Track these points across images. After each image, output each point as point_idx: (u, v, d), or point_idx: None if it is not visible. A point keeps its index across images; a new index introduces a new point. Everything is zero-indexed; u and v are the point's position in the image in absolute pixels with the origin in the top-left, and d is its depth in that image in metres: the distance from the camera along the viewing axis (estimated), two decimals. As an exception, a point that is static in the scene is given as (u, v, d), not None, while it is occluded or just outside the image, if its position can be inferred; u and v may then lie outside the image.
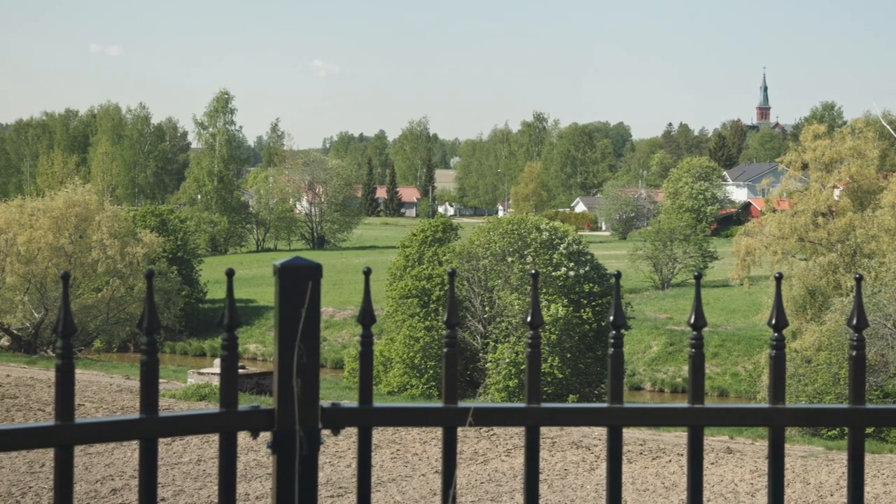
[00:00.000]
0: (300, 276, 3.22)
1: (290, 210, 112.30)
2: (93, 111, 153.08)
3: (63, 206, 48.88)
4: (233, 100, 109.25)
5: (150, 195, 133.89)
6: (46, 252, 47.34)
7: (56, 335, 3.04)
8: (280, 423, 3.19)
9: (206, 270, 67.12)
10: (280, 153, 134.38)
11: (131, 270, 49.25)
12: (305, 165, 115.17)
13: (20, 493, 18.28)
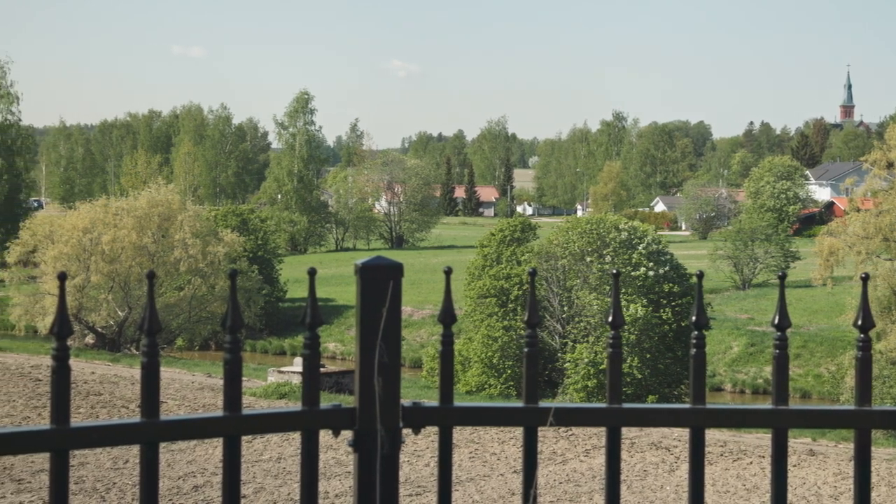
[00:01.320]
0: (381, 276, 3.23)
1: (369, 209, 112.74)
2: (175, 112, 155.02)
3: (146, 206, 49.50)
4: (313, 100, 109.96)
5: (231, 195, 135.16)
6: (130, 251, 47.96)
7: (142, 333, 3.08)
8: (361, 422, 3.20)
9: (285, 270, 67.59)
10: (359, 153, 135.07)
11: (212, 269, 49.75)
12: (384, 165, 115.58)
13: (105, 488, 18.54)
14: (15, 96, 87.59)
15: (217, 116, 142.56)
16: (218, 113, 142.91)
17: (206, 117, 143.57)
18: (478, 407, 3.39)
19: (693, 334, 3.37)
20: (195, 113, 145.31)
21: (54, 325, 2.94)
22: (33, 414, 24.86)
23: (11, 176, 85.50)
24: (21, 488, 18.04)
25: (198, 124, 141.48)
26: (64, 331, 2.94)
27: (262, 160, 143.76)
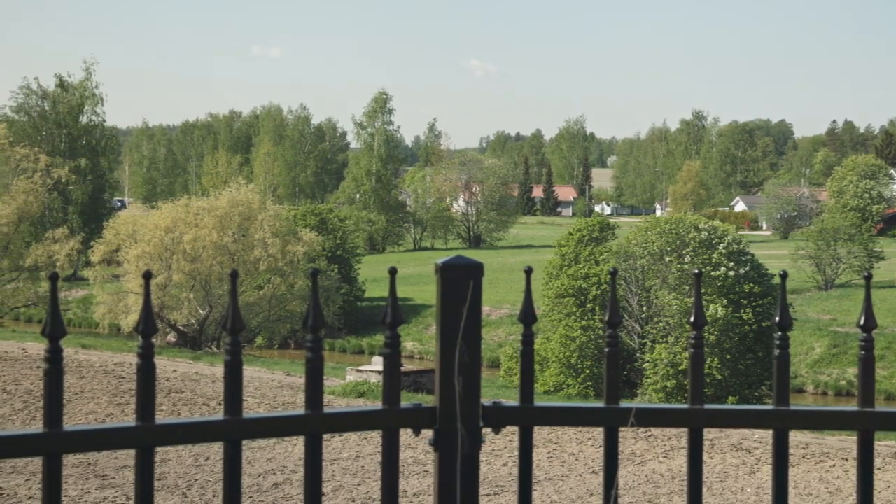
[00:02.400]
0: (462, 275, 3.23)
1: (447, 209, 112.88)
2: (255, 112, 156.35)
3: (227, 206, 49.98)
4: (391, 100, 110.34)
5: (310, 194, 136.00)
6: (211, 250, 48.45)
7: (225, 332, 3.11)
8: (442, 421, 3.21)
9: (364, 269, 67.87)
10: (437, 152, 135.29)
11: (292, 269, 50.12)
12: (462, 165, 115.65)
13: (186, 485, 18.75)
14: (99, 97, 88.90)
15: (296, 117, 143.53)
16: (297, 113, 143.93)
17: (285, 117, 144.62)
18: (558, 407, 3.38)
19: (776, 335, 3.33)
20: (275, 113, 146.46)
21: (140, 324, 2.98)
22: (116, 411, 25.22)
23: (95, 176, 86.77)
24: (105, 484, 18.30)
25: (277, 124, 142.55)
26: (149, 329, 2.98)
27: (340, 160, 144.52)
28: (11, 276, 54.31)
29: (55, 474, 2.87)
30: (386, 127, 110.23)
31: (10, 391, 26.73)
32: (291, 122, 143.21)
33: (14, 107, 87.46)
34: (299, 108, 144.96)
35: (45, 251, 53.57)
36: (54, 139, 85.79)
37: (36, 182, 55.75)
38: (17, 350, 34.96)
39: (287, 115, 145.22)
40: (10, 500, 16.99)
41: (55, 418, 2.87)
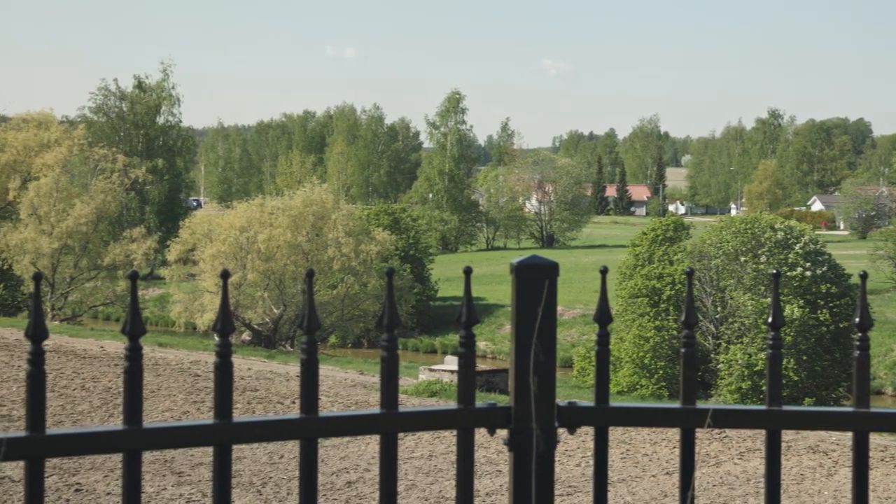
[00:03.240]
0: (537, 275, 3.23)
1: (520, 209, 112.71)
2: (329, 112, 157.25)
3: (301, 205, 50.30)
4: (464, 100, 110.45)
5: (383, 194, 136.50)
6: (285, 249, 48.79)
7: (301, 330, 3.13)
8: (517, 421, 3.20)
9: (436, 268, 67.96)
10: (510, 152, 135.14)
11: (365, 268, 50.34)
12: (535, 164, 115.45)
13: (261, 483, 18.89)
14: (176, 98, 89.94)
15: (370, 116, 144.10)
16: (371, 113, 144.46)
17: (359, 117, 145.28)
18: (634, 407, 3.37)
19: (856, 336, 3.29)
20: (348, 113, 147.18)
21: (217, 322, 3.01)
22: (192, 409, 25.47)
23: (172, 176, 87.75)
24: (181, 481, 18.50)
25: (351, 124, 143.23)
26: (227, 328, 3.01)
27: (413, 160, 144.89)
28: (90, 274, 55.09)
29: (135, 471, 2.90)
30: (459, 126, 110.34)
31: (89, 388, 27.10)
32: (365, 122, 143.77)
33: (93, 108, 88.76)
34: (373, 108, 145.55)
35: (122, 250, 54.27)
36: (132, 140, 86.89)
37: (114, 182, 56.50)
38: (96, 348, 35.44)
39: (360, 115, 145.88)
40: (89, 496, 17.21)
41: (135, 415, 2.90)
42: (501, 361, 51.17)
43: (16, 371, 28.83)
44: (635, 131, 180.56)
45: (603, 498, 3.30)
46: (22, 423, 21.97)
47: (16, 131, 57.14)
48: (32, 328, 2.81)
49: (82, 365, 31.09)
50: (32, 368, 2.81)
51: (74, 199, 54.50)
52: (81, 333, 41.55)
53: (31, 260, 51.69)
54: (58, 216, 52.57)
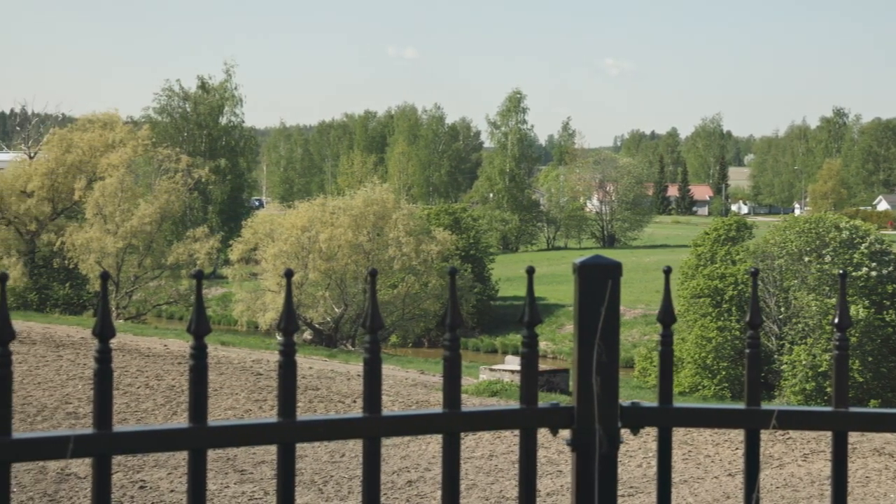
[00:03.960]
0: (600, 275, 3.21)
1: (581, 208, 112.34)
2: (390, 112, 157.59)
3: (362, 205, 50.47)
4: (525, 99, 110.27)
5: (443, 194, 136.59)
6: (346, 249, 48.99)
7: (364, 330, 3.14)
8: (580, 421, 3.19)
9: (497, 268, 67.87)
10: (571, 151, 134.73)
11: (425, 268, 50.42)
12: (596, 164, 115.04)
13: (322, 481, 18.98)
14: (239, 98, 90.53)
15: (430, 116, 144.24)
16: (431, 113, 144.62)
17: (419, 117, 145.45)
18: (698, 408, 3.34)
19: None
20: (409, 113, 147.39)
21: (282, 321, 3.03)
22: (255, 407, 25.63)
23: (234, 176, 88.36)
24: (244, 479, 18.63)
25: (412, 124, 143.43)
26: (291, 326, 3.02)
27: (474, 159, 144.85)
28: (154, 273, 55.61)
29: (200, 469, 2.92)
30: (520, 126, 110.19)
31: (153, 386, 27.36)
32: (426, 122, 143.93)
33: (157, 108, 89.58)
34: (433, 107, 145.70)
35: (185, 250, 54.73)
36: (195, 140, 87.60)
37: (177, 182, 56.98)
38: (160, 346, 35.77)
39: (421, 114, 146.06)
40: (153, 493, 17.39)
41: (200, 414, 2.92)
42: (562, 361, 51.02)
43: (81, 369, 29.18)
44: (697, 130, 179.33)
45: (667, 499, 3.28)
46: (87, 421, 22.22)
47: (82, 132, 57.81)
48: (100, 327, 2.84)
49: (146, 363, 31.40)
50: (100, 366, 2.84)
51: (139, 198, 55.04)
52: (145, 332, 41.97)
53: (96, 259, 52.27)
54: (122, 216, 53.11)
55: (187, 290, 55.49)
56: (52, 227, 55.26)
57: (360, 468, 19.97)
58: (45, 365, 29.72)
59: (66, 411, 23.55)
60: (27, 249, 55.33)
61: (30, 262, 54.97)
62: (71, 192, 55.40)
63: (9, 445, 2.71)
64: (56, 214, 55.99)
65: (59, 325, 41.65)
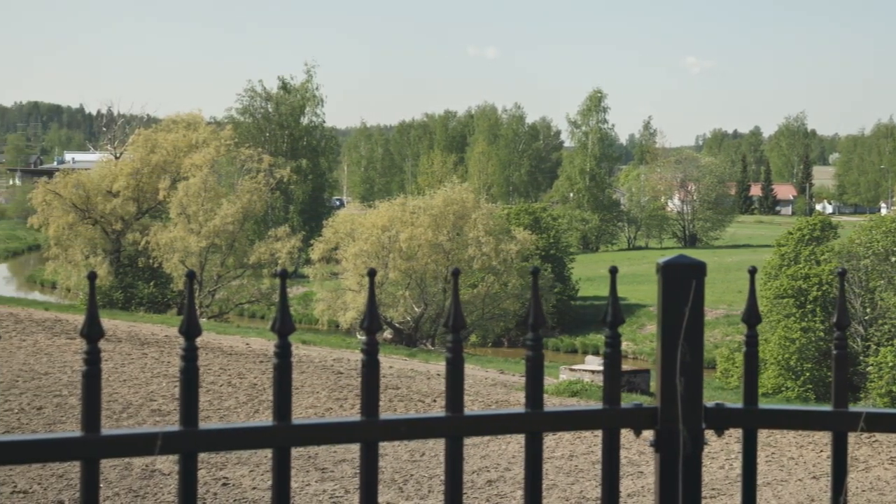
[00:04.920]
0: (684, 275, 3.19)
1: (662, 208, 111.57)
2: (470, 112, 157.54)
3: (442, 204, 50.56)
4: (606, 98, 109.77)
5: (523, 193, 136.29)
6: (426, 249, 49.12)
7: (446, 329, 3.14)
8: (663, 422, 3.17)
9: (577, 268, 67.62)
10: (652, 151, 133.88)
11: (505, 267, 50.39)
12: (677, 163, 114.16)
13: (402, 480, 19.04)
14: (320, 99, 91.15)
15: (511, 116, 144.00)
16: (511, 112, 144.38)
17: (499, 117, 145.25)
18: (784, 410, 3.31)
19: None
20: (489, 113, 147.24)
21: (364, 320, 3.04)
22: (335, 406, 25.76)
23: (316, 176, 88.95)
24: (325, 477, 18.73)
25: (492, 124, 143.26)
26: (374, 325, 3.03)
27: (554, 158, 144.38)
28: (236, 273, 56.14)
29: (284, 467, 2.95)
30: (600, 125, 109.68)
31: (235, 384, 27.60)
32: (506, 122, 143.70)
33: (240, 109, 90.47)
34: (514, 107, 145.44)
35: (267, 249, 55.18)
36: (277, 140, 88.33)
37: (259, 182, 57.47)
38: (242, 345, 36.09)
39: (501, 114, 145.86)
40: (235, 490, 17.55)
41: (284, 412, 2.95)
42: (643, 362, 50.70)
43: (165, 367, 29.55)
44: (781, 129, 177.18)
45: (752, 501, 3.24)
46: (172, 418, 22.49)
47: (166, 132, 58.51)
48: (186, 325, 2.87)
49: (229, 361, 31.70)
50: (186, 364, 2.87)
51: (221, 198, 55.58)
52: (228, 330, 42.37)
53: (180, 258, 52.90)
54: (206, 215, 53.68)
55: (269, 289, 55.95)
56: (137, 226, 56.00)
57: (440, 467, 20.01)
58: (130, 362, 30.15)
59: (151, 408, 23.87)
60: (113, 249, 56.14)
61: (115, 261, 55.77)
62: (155, 191, 56.10)
63: (98, 442, 2.75)
64: (141, 214, 56.75)
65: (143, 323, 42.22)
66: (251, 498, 17.15)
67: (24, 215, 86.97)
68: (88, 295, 2.83)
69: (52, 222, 54.84)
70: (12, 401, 23.51)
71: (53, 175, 60.11)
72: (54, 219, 54.73)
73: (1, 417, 22.04)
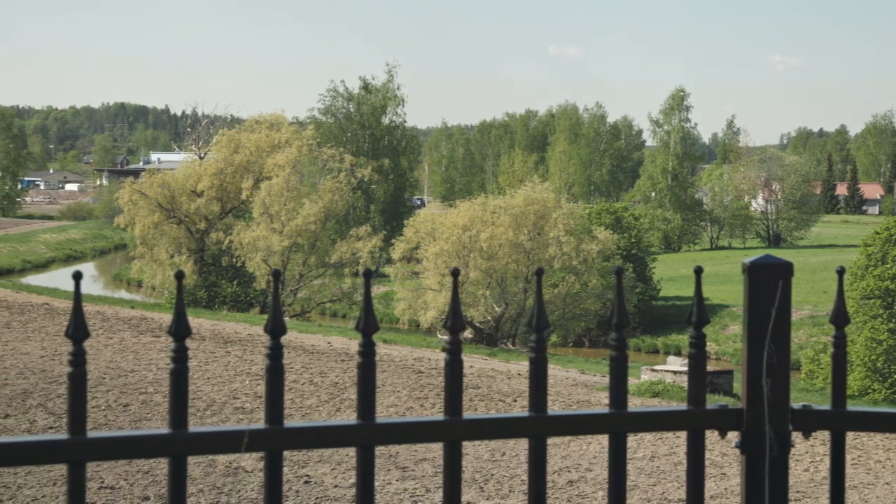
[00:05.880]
0: (771, 275, 3.15)
1: (745, 207, 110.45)
2: (551, 111, 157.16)
3: (522, 204, 50.47)
4: (688, 97, 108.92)
5: (604, 192, 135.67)
6: (507, 248, 49.06)
7: (530, 329, 3.14)
8: (749, 424, 3.14)
9: (659, 267, 67.15)
10: (735, 150, 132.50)
11: (586, 267, 50.18)
12: (761, 162, 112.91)
13: (483, 479, 19.04)
14: (401, 99, 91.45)
15: (592, 115, 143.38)
16: (593, 111, 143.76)
17: (581, 116, 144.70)
18: (874, 412, 3.26)
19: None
20: (570, 112, 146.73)
21: (448, 319, 3.04)
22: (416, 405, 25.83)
23: (397, 175, 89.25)
24: (405, 475, 18.79)
25: (573, 123, 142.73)
26: (457, 324, 3.04)
27: (636, 158, 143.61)
28: (318, 272, 56.51)
29: (368, 465, 2.96)
30: (683, 124, 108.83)
31: (317, 383, 27.79)
32: (587, 121, 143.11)
33: (322, 109, 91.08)
34: (595, 106, 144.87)
35: (349, 248, 55.47)
36: (358, 140, 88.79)
37: (341, 181, 57.77)
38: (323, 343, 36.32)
39: (582, 113, 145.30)
40: (318, 488, 17.66)
41: (368, 411, 2.96)
42: (726, 363, 50.25)
43: (248, 365, 29.84)
44: (868, 127, 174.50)
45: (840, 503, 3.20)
46: (255, 416, 22.71)
47: (249, 133, 59.07)
48: (272, 324, 2.90)
49: (311, 360, 31.92)
50: (271, 363, 2.90)
51: (303, 198, 55.98)
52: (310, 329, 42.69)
53: (262, 257, 53.36)
54: (288, 215, 54.10)
55: (350, 288, 56.26)
56: (221, 225, 56.58)
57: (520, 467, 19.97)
58: (213, 361, 30.48)
59: (234, 406, 24.11)
60: (197, 248, 56.78)
61: (199, 260, 56.41)
62: (238, 191, 56.64)
63: (186, 439, 2.78)
64: (224, 213, 57.32)
65: (227, 321, 42.67)
66: (333, 496, 17.26)
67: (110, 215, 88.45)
68: (176, 293, 2.86)
69: (138, 222, 55.61)
70: (99, 398, 23.89)
71: (139, 175, 60.91)
72: (140, 218, 55.49)
73: (88, 414, 22.41)
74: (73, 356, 2.78)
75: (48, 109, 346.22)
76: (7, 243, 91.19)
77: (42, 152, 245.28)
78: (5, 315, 38.61)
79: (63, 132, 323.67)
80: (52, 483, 16.80)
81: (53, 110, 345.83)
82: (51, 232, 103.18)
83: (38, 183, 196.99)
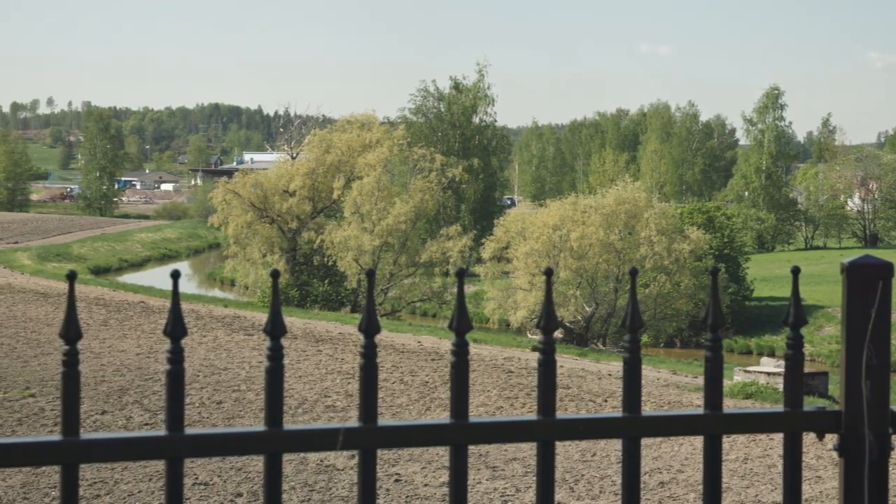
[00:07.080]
0: (871, 275, 3.10)
1: (841, 207, 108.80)
2: (643, 110, 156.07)
3: (613, 204, 50.22)
4: (783, 95, 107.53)
5: (696, 192, 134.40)
6: (597, 248, 48.84)
7: (624, 329, 3.12)
8: (848, 426, 3.09)
9: (752, 267, 66.34)
10: (831, 148, 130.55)
11: (677, 267, 49.78)
12: (858, 161, 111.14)
13: (573, 479, 18.97)
14: (491, 98, 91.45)
15: (684, 114, 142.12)
16: (685, 110, 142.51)
17: (673, 115, 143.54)
18: (977, 416, 3.19)
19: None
20: (662, 111, 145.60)
21: (541, 319, 3.04)
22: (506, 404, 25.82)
23: (487, 175, 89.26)
24: (495, 475, 18.79)
25: (665, 122, 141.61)
26: (551, 325, 3.03)
27: (728, 157, 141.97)
28: (408, 271, 56.72)
29: (461, 464, 2.96)
30: (777, 123, 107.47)
31: (407, 382, 27.89)
32: (679, 120, 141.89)
33: (412, 109, 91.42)
34: (687, 105, 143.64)
35: (439, 248, 55.59)
36: (448, 139, 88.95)
37: (431, 181, 57.93)
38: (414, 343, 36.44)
39: (675, 112, 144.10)
40: (408, 487, 17.73)
41: (461, 410, 2.96)
42: (821, 364, 49.52)
43: (339, 363, 30.04)
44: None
45: (942, 510, 3.15)
46: (346, 414, 22.86)
47: (340, 133, 59.48)
48: (366, 322, 2.91)
49: (401, 359, 32.05)
50: (365, 361, 2.91)
51: (394, 197, 56.23)
52: (400, 328, 42.85)
53: (353, 257, 53.72)
54: (379, 214, 54.38)
55: (440, 287, 56.39)
56: (313, 225, 57.04)
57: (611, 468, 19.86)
58: (305, 359, 30.74)
59: (325, 404, 24.29)
60: (289, 247, 57.31)
61: (291, 259, 56.93)
62: (330, 191, 57.06)
63: (282, 436, 2.81)
64: (316, 213, 57.79)
65: (318, 320, 43.00)
66: (423, 494, 17.32)
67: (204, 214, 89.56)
68: (271, 292, 2.89)
69: (232, 221, 56.28)
70: (193, 395, 24.22)
71: (233, 175, 61.66)
72: (233, 218, 56.16)
73: (183, 410, 22.70)
74: (171, 354, 2.81)
75: (144, 110, 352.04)
76: (104, 242, 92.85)
77: (138, 153, 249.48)
78: (102, 313, 39.31)
79: (159, 133, 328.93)
80: (147, 479, 17.06)
81: (149, 111, 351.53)
82: (146, 231, 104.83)
83: (134, 183, 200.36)
